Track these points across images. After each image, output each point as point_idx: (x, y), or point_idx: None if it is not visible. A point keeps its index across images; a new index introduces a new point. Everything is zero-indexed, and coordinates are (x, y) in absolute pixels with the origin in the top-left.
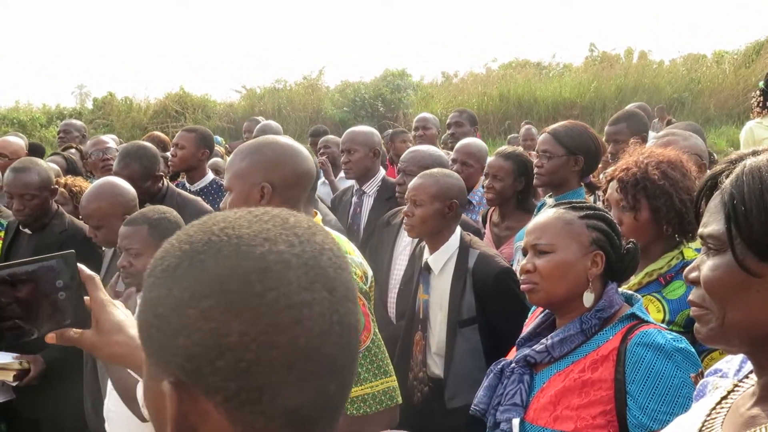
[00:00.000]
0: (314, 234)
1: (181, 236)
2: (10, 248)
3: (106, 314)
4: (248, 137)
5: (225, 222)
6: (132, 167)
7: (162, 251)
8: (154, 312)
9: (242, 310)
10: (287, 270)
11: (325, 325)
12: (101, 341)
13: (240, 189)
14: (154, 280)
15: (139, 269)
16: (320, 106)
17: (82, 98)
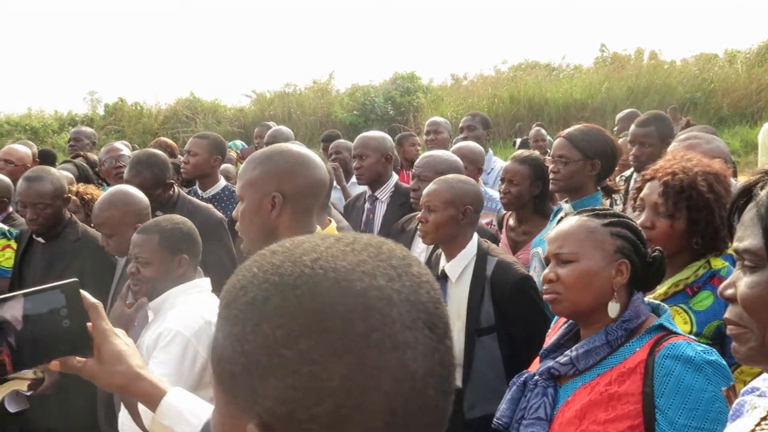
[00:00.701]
0: (410, 265)
1: (263, 265)
2: (24, 257)
3: (108, 344)
4: (259, 142)
5: (315, 252)
6: (143, 175)
7: (241, 280)
8: (239, 349)
9: (345, 352)
10: (390, 308)
11: (428, 366)
12: (102, 370)
13: (251, 198)
14: (237, 313)
15: (147, 277)
16: (330, 110)
17: (94, 104)
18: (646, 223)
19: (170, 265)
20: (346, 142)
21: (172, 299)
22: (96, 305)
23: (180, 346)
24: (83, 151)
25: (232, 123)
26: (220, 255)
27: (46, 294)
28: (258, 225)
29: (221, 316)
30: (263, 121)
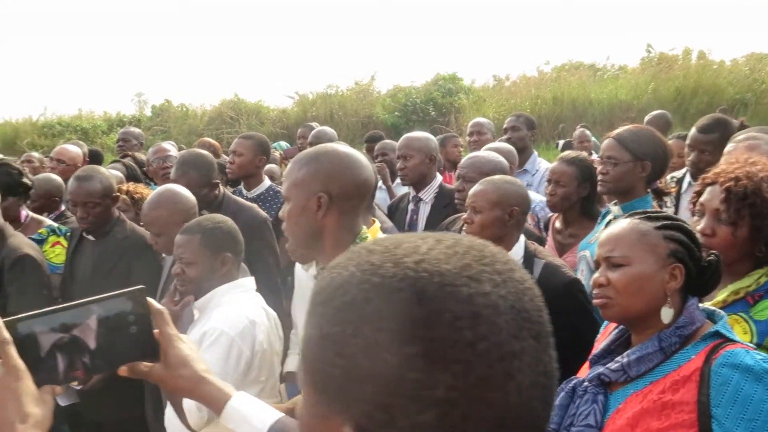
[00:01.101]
0: (513, 270)
1: (361, 264)
2: (75, 254)
3: (173, 349)
4: (302, 143)
5: (417, 253)
6: (189, 175)
7: (337, 278)
8: (338, 350)
9: (451, 361)
10: (497, 315)
11: (534, 377)
12: (168, 375)
13: (297, 198)
14: (335, 313)
15: (191, 278)
16: (372, 111)
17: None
18: (706, 231)
19: (213, 264)
20: (392, 142)
21: (217, 298)
22: (162, 311)
23: (225, 345)
24: (131, 151)
25: (275, 124)
26: (264, 254)
27: (114, 301)
28: (304, 225)
29: (314, 314)
30: (305, 122)
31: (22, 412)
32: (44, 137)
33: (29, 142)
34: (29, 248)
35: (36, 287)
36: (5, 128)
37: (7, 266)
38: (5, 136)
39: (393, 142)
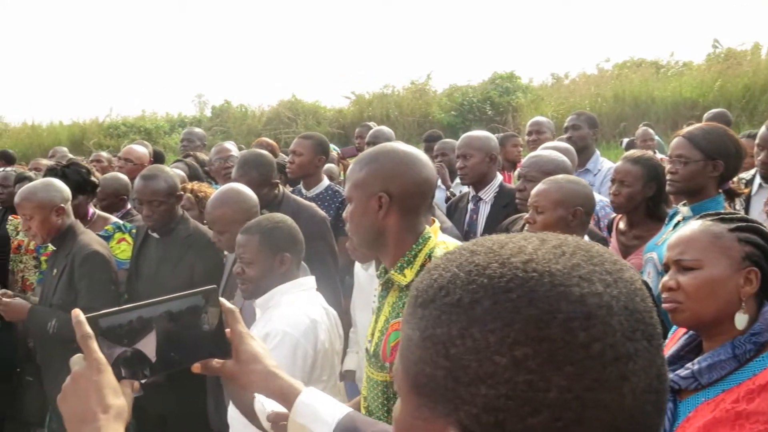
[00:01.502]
0: (622, 270)
1: (464, 265)
2: (140, 251)
3: (245, 345)
4: (360, 143)
5: (525, 253)
6: (250, 175)
7: (439, 279)
8: (443, 352)
9: (564, 362)
10: (610, 316)
11: (647, 381)
12: (241, 371)
13: (358, 199)
14: (439, 314)
15: (251, 277)
16: (428, 110)
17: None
18: None
19: (272, 263)
20: (452, 141)
21: (277, 297)
22: (233, 310)
23: (290, 346)
24: (194, 151)
25: (332, 124)
26: (323, 253)
27: (188, 299)
28: (366, 226)
29: (415, 316)
30: (362, 122)
31: (104, 404)
32: (110, 137)
33: (95, 142)
34: (98, 245)
35: (104, 283)
36: (73, 129)
37: (78, 262)
38: (73, 137)
39: (452, 141)
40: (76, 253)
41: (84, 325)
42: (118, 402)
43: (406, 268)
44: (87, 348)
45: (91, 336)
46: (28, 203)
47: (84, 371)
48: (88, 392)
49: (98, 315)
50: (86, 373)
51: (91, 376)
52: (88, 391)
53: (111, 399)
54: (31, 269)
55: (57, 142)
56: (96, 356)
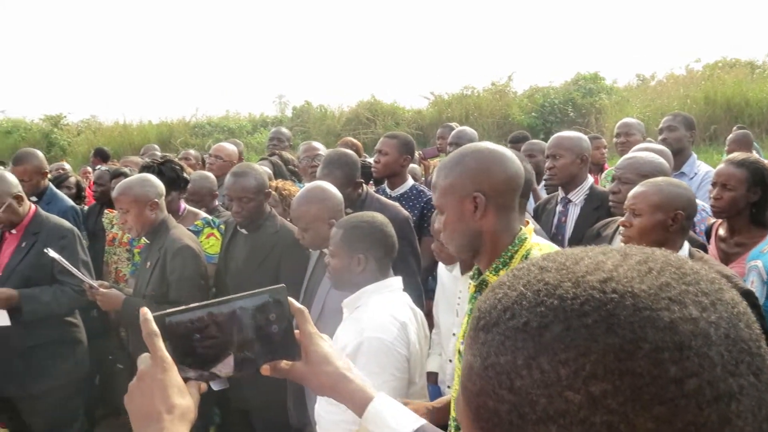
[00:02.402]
0: (721, 290)
1: (532, 283)
2: (229, 246)
3: (314, 346)
4: (441, 143)
5: (602, 270)
6: (334, 174)
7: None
8: (507, 384)
9: (652, 401)
10: (708, 346)
11: (756, 424)
12: (310, 372)
13: (452, 205)
14: (502, 340)
15: (334, 268)
16: (508, 111)
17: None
18: None
19: (350, 262)
20: (540, 142)
21: (365, 297)
22: (302, 310)
23: (384, 352)
24: (280, 150)
25: (410, 125)
26: (405, 253)
27: (256, 298)
28: (463, 230)
29: (476, 340)
30: (441, 123)
31: (169, 403)
32: (195, 136)
33: (182, 141)
34: (189, 239)
35: (194, 276)
36: (162, 128)
37: (169, 256)
38: (161, 135)
39: (541, 142)
40: (168, 247)
41: (150, 323)
42: (184, 402)
43: (501, 269)
44: (152, 346)
45: (156, 334)
46: (124, 197)
47: (149, 370)
48: (153, 391)
49: (166, 313)
50: (151, 372)
51: (156, 375)
52: (152, 390)
53: (176, 398)
54: (124, 261)
55: (146, 141)
56: (161, 355)
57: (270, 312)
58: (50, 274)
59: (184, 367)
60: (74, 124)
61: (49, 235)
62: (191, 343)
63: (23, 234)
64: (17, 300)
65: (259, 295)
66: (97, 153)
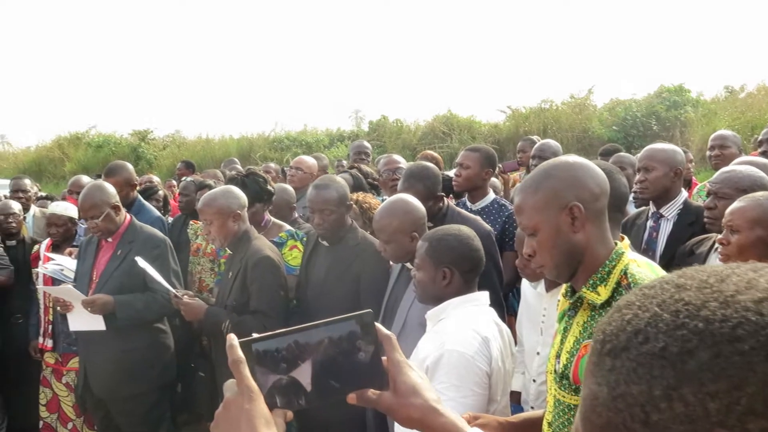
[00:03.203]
0: None
1: (669, 303)
2: (310, 258)
3: (403, 376)
4: (522, 157)
5: (757, 289)
6: (416, 187)
7: (633, 320)
8: (641, 417)
9: None
10: None
11: None
12: (398, 404)
13: (546, 221)
14: (633, 366)
15: (419, 281)
16: (588, 125)
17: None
18: None
19: (434, 275)
20: (628, 155)
21: (449, 310)
22: (390, 337)
23: (464, 366)
24: (363, 164)
25: (487, 139)
26: (487, 268)
27: (343, 324)
28: (562, 247)
29: (602, 367)
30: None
31: None
32: (274, 150)
33: (261, 155)
34: (269, 251)
35: (274, 287)
36: (242, 142)
37: (250, 266)
38: (241, 149)
39: (630, 155)
40: (249, 258)
41: (236, 350)
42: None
43: (599, 285)
44: (238, 374)
45: (242, 361)
46: (208, 209)
47: (236, 398)
48: (239, 421)
49: (252, 339)
50: (238, 401)
51: (243, 404)
52: (239, 420)
53: (262, 429)
54: (208, 271)
55: (227, 155)
56: (247, 383)
57: (357, 338)
58: (142, 281)
59: (269, 395)
60: (160, 138)
61: (143, 244)
62: (277, 370)
63: (119, 242)
64: (112, 306)
65: (346, 320)
66: (185, 164)
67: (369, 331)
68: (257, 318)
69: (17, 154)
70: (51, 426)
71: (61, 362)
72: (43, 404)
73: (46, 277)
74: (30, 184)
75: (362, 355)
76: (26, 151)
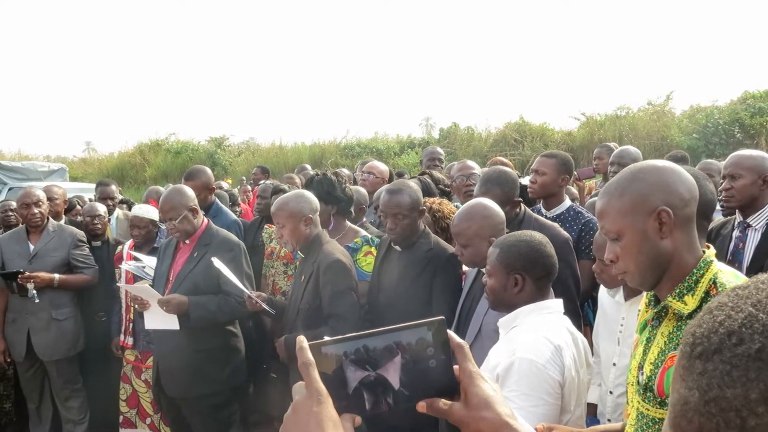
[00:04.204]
0: None
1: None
2: (382, 263)
3: (475, 387)
4: (598, 164)
5: None
6: (493, 192)
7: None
8: (737, 423)
9: None
10: None
11: None
12: (470, 416)
13: (632, 226)
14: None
15: (490, 288)
16: (666, 133)
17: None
18: None
19: (506, 282)
20: (715, 162)
21: (521, 318)
22: (462, 345)
23: (535, 375)
24: (436, 170)
25: (560, 146)
26: (565, 276)
27: (414, 330)
28: (648, 253)
29: (692, 371)
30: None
31: None
32: (345, 157)
33: (333, 162)
34: (341, 254)
35: (345, 291)
36: (314, 149)
37: (322, 270)
38: (313, 156)
39: (716, 162)
40: (321, 261)
41: (306, 352)
42: None
43: (686, 294)
44: (308, 377)
45: (312, 364)
46: (281, 212)
47: (304, 401)
48: (308, 424)
49: (322, 342)
50: (306, 404)
51: (311, 407)
52: (308, 424)
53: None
54: (281, 274)
55: (300, 161)
56: (316, 386)
57: (428, 346)
58: (216, 284)
59: (337, 399)
60: (235, 145)
61: (219, 247)
62: (345, 374)
63: (195, 245)
64: (186, 306)
65: (416, 327)
66: (261, 170)
67: (441, 339)
68: (331, 325)
69: (102, 160)
70: (130, 421)
71: (140, 359)
72: (123, 399)
73: (128, 276)
74: (115, 190)
75: (432, 362)
76: (110, 157)
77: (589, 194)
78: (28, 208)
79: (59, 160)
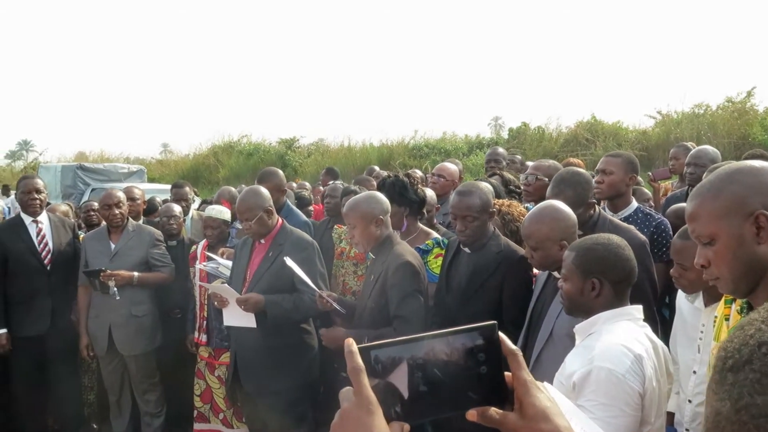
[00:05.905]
0: None
1: None
2: (451, 265)
3: (530, 397)
4: (674, 164)
5: None
6: (566, 193)
7: (756, 334)
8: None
9: None
10: None
11: None
12: (525, 427)
13: (727, 230)
14: (758, 377)
15: (566, 292)
16: (747, 131)
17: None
18: None
19: (582, 286)
20: None
21: (599, 324)
22: (515, 352)
23: (614, 384)
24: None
25: (634, 146)
26: (641, 280)
27: (464, 336)
28: (743, 258)
29: (723, 383)
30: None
31: None
32: (413, 158)
33: (401, 163)
34: (411, 256)
35: (412, 292)
36: (382, 150)
37: (391, 271)
38: (381, 157)
39: None
40: (390, 262)
41: (355, 356)
42: None
43: None
44: (357, 383)
45: (362, 369)
46: (352, 213)
47: (353, 410)
48: None
49: (371, 346)
50: (355, 413)
51: (361, 417)
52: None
53: None
54: (351, 274)
55: (368, 162)
56: (366, 394)
57: (479, 351)
58: (291, 282)
59: (386, 406)
60: (305, 146)
61: (293, 246)
62: (393, 380)
63: (270, 244)
64: (263, 305)
65: (468, 332)
66: (328, 171)
67: (493, 345)
68: (395, 327)
69: (177, 162)
70: (204, 415)
71: (214, 356)
72: (198, 394)
73: (203, 275)
74: (189, 191)
75: (484, 369)
76: (185, 158)
77: (664, 196)
78: (110, 209)
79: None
